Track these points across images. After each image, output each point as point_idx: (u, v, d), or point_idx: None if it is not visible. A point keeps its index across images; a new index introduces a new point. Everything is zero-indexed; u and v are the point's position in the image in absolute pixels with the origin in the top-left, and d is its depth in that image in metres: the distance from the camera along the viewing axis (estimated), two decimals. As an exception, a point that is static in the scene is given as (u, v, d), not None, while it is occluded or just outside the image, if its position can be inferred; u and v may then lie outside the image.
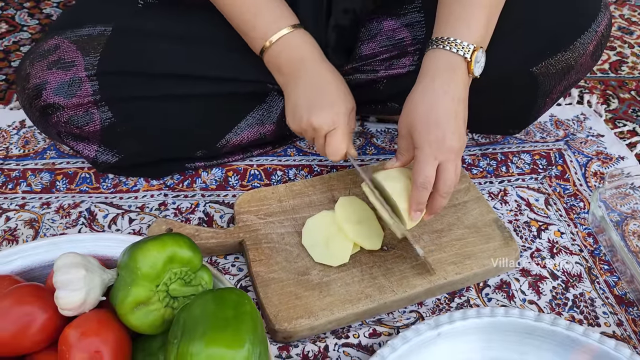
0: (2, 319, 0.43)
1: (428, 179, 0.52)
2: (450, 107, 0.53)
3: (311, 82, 0.62)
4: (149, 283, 0.44)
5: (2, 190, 0.69)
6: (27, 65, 0.62)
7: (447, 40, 0.55)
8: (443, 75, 0.54)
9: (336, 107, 0.60)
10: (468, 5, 0.55)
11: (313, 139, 0.63)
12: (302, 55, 0.62)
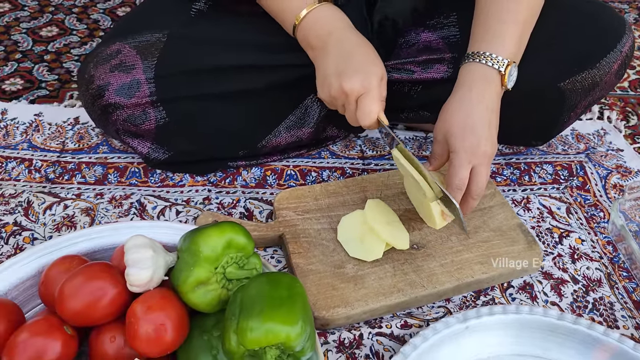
0: (76, 293, 0.48)
1: (463, 181, 0.57)
2: (485, 116, 0.57)
3: (340, 51, 0.62)
4: (209, 265, 0.49)
5: (59, 181, 0.74)
6: (91, 67, 0.68)
7: (483, 54, 0.59)
8: (479, 86, 0.58)
9: (366, 71, 0.60)
10: (503, 23, 0.60)
11: (343, 106, 0.63)
12: (330, 28, 0.63)
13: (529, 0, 0.61)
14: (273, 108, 0.75)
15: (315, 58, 0.65)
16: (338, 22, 0.63)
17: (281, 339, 0.43)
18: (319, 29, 0.63)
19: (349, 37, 0.63)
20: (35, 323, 0.47)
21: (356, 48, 0.62)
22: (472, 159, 0.57)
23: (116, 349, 0.48)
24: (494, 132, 0.59)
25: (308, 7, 0.63)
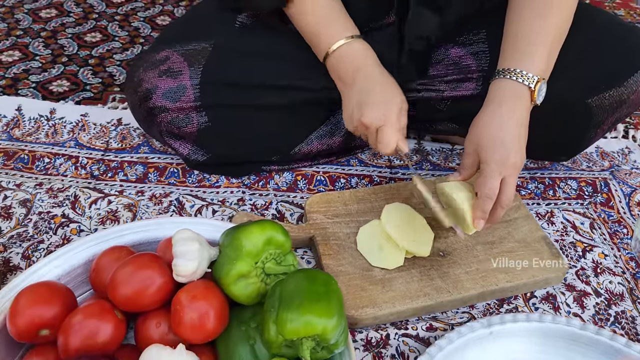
0: (127, 280, 0.51)
1: (493, 191, 0.59)
2: (515, 130, 0.60)
3: (363, 86, 0.67)
4: (250, 259, 0.52)
5: (103, 178, 0.79)
6: (140, 71, 0.72)
7: (513, 71, 0.62)
8: (509, 102, 0.61)
9: (384, 105, 0.64)
10: (533, 43, 0.63)
11: (367, 136, 0.68)
12: (358, 64, 0.67)
13: (557, 21, 0.64)
14: (306, 119, 0.78)
15: (342, 90, 0.70)
16: (367, 59, 0.68)
17: (318, 330, 0.46)
18: (348, 63, 0.68)
19: (374, 72, 0.67)
20: (88, 306, 0.51)
21: (378, 83, 0.67)
22: (502, 170, 0.59)
23: (161, 334, 0.52)
24: (523, 145, 0.61)
25: (341, 41, 0.67)
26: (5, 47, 1.08)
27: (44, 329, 0.51)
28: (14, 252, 0.68)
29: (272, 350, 0.49)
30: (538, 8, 0.65)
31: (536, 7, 0.65)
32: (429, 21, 0.71)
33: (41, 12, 1.20)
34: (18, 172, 0.78)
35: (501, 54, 0.67)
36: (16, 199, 0.74)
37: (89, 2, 1.25)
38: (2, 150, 0.81)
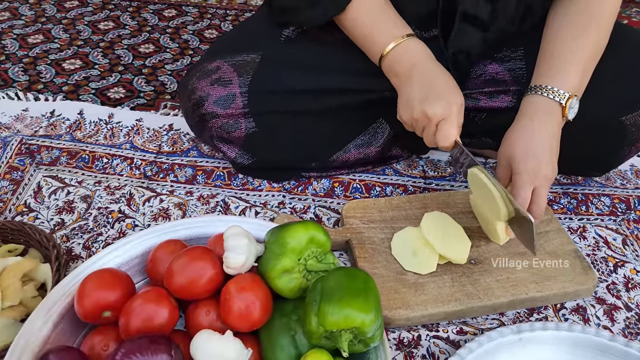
0: (182, 270, 0.56)
1: (525, 201, 0.62)
2: (546, 142, 0.63)
3: (423, 79, 0.67)
4: (294, 256, 0.56)
5: (155, 178, 0.85)
6: (193, 80, 0.78)
7: (545, 87, 0.65)
8: (541, 116, 0.64)
9: (447, 98, 0.65)
10: (567, 62, 0.65)
11: (423, 129, 0.68)
12: (414, 59, 0.69)
13: (593, 41, 0.66)
14: (345, 128, 0.82)
15: (399, 85, 0.71)
16: (422, 55, 0.69)
17: (357, 323, 0.50)
18: (405, 60, 0.69)
19: (432, 67, 0.68)
20: (147, 292, 0.56)
21: (438, 77, 0.67)
22: (534, 181, 0.62)
23: (210, 321, 0.56)
24: (554, 158, 0.64)
25: (396, 40, 0.69)
26: (68, 56, 1.17)
27: (107, 311, 0.56)
28: (76, 242, 0.74)
29: (313, 340, 0.52)
30: (576, 28, 0.67)
31: (574, 27, 0.68)
32: (471, 37, 0.74)
33: (100, 24, 1.30)
34: (80, 171, 0.86)
35: (535, 70, 0.70)
36: (78, 194, 0.81)
37: (143, 15, 1.34)
38: (66, 150, 0.89)
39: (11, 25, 1.27)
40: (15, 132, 0.92)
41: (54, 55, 1.17)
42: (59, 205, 0.79)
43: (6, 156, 0.87)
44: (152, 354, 0.49)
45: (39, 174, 0.84)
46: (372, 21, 0.71)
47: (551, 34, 0.70)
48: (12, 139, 0.91)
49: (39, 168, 0.85)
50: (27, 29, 1.26)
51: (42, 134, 0.92)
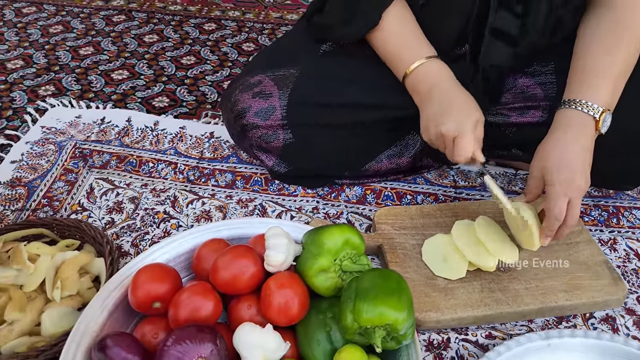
0: (226, 267, 0.61)
1: (562, 211, 0.63)
2: (580, 154, 0.64)
3: (441, 98, 0.72)
4: (330, 257, 0.60)
5: (197, 182, 0.90)
6: (236, 93, 0.83)
7: (579, 102, 0.67)
8: (574, 129, 0.66)
9: (461, 116, 0.69)
10: (600, 76, 0.67)
11: (443, 146, 0.72)
12: (435, 80, 0.73)
13: (624, 57, 0.68)
14: (378, 139, 0.86)
15: (420, 103, 0.75)
16: (442, 76, 0.73)
17: (390, 320, 0.53)
18: (426, 80, 0.73)
19: (450, 87, 0.73)
20: (194, 286, 0.61)
21: (456, 96, 0.71)
22: (568, 192, 0.63)
23: (251, 315, 0.60)
24: (588, 170, 0.65)
25: (419, 61, 0.73)
26: (116, 67, 1.25)
27: (157, 302, 0.61)
28: (125, 240, 0.80)
29: (347, 336, 0.56)
30: (606, 44, 0.69)
31: (605, 43, 0.69)
32: (501, 52, 0.76)
33: (145, 37, 1.37)
34: (128, 174, 0.92)
35: (568, 85, 0.72)
36: (126, 196, 0.87)
37: (185, 29, 1.41)
38: (115, 155, 0.95)
39: (64, 38, 1.36)
40: (70, 137, 0.99)
41: (103, 66, 1.25)
42: (109, 206, 0.85)
43: (62, 159, 0.94)
44: (199, 342, 0.53)
45: (91, 176, 0.91)
46: (399, 41, 0.75)
47: (583, 48, 0.72)
48: (67, 144, 0.98)
49: (91, 171, 0.92)
50: (79, 41, 1.35)
51: (94, 139, 0.99)
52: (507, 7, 0.71)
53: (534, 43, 0.76)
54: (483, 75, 0.77)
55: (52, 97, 1.13)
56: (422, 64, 0.74)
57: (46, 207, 0.85)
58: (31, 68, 1.24)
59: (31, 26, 1.41)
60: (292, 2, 1.56)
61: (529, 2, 0.71)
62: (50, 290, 0.66)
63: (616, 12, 0.70)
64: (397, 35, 0.76)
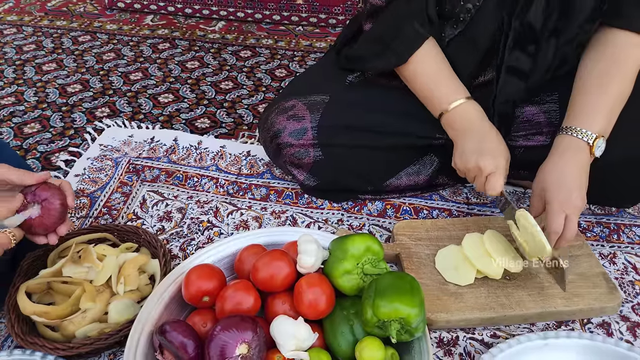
0: (264, 267, 0.71)
1: (560, 226, 0.72)
2: (575, 176, 0.73)
3: (477, 135, 0.80)
4: (353, 261, 0.69)
5: (236, 195, 1.02)
6: (273, 116, 0.95)
7: (574, 129, 0.75)
8: (570, 153, 0.74)
9: (498, 154, 0.78)
10: (595, 107, 0.75)
11: (474, 177, 0.81)
12: (472, 118, 0.82)
13: (617, 89, 0.76)
14: (398, 159, 0.96)
15: (456, 137, 0.84)
16: (478, 115, 0.82)
17: (403, 315, 0.62)
18: (464, 119, 0.82)
19: (485, 126, 0.82)
20: (237, 284, 0.71)
21: (491, 135, 0.80)
22: (565, 209, 0.72)
23: (284, 310, 0.70)
24: (583, 189, 0.73)
25: (458, 101, 0.82)
26: (162, 91, 1.39)
27: (206, 296, 0.72)
28: (174, 245, 0.91)
29: (367, 328, 0.65)
30: (602, 79, 0.77)
31: (601, 78, 0.77)
32: (515, 87, 0.85)
33: (187, 64, 1.52)
34: (175, 187, 1.04)
35: (567, 112, 0.80)
36: (174, 206, 0.99)
37: (223, 56, 1.55)
38: (164, 170, 1.08)
39: (116, 64, 1.52)
40: (124, 154, 1.13)
41: (151, 90, 1.39)
42: (160, 215, 0.97)
43: (118, 173, 1.07)
44: (242, 329, 0.64)
45: (143, 188, 1.04)
46: (431, 78, 0.84)
47: (582, 82, 0.80)
48: (122, 160, 1.11)
49: (143, 184, 1.05)
50: (129, 67, 1.51)
51: (145, 156, 1.12)
52: (521, 47, 0.80)
53: (542, 77, 0.85)
54: (499, 109, 0.86)
55: (108, 118, 1.28)
56: (460, 104, 0.82)
57: (106, 215, 0.98)
58: (88, 92, 1.39)
59: (87, 53, 1.58)
60: (321, 31, 1.69)
61: (539, 42, 0.80)
62: (115, 285, 0.78)
63: (612, 50, 0.79)
64: (428, 70, 0.84)
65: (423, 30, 0.83)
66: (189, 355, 0.64)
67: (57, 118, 1.28)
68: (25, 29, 1.72)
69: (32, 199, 0.71)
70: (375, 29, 0.87)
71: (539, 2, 0.76)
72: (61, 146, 1.18)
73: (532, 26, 0.78)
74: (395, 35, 0.84)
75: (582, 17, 0.78)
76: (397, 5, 0.83)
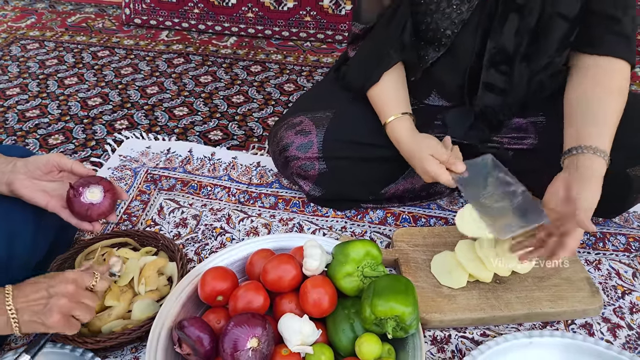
0: (273, 270, 0.78)
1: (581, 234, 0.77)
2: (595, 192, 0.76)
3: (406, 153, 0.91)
4: (354, 264, 0.76)
5: (247, 204, 1.09)
6: (282, 131, 1.02)
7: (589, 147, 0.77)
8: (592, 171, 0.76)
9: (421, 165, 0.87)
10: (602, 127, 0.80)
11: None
12: (397, 135, 0.91)
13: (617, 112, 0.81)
14: (396, 167, 1.03)
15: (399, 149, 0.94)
16: (403, 133, 0.91)
17: (398, 313, 0.69)
18: (396, 132, 0.92)
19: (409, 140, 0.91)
20: (248, 284, 0.79)
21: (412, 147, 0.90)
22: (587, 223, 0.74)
23: (291, 308, 0.77)
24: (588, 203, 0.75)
25: (393, 116, 0.92)
26: (177, 104, 1.47)
27: (220, 296, 0.79)
28: (189, 249, 0.99)
29: (366, 325, 0.72)
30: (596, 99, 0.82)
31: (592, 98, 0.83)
32: (492, 100, 0.92)
33: (201, 78, 1.60)
34: (190, 195, 1.12)
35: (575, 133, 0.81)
36: (190, 213, 1.07)
37: (235, 71, 1.64)
38: (180, 179, 1.16)
39: (134, 79, 1.61)
40: (142, 165, 1.21)
41: (166, 103, 1.48)
42: (176, 221, 1.05)
43: (137, 183, 1.15)
44: (253, 325, 0.71)
45: (160, 197, 1.11)
46: (385, 97, 0.94)
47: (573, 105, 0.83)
48: (141, 170, 1.19)
49: (160, 192, 1.13)
50: (146, 81, 1.59)
51: (162, 166, 1.20)
52: (496, 67, 0.88)
53: (521, 97, 0.92)
54: (480, 113, 0.94)
55: (126, 129, 1.36)
56: (392, 120, 0.92)
57: (126, 221, 1.06)
58: (108, 105, 1.48)
59: (106, 68, 1.67)
60: (328, 47, 1.77)
61: (512, 63, 0.87)
62: (137, 285, 0.86)
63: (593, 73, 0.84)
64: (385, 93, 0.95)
65: (395, 56, 0.92)
66: (204, 348, 0.71)
67: (79, 130, 1.37)
68: (47, 44, 1.82)
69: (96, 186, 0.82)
70: (356, 55, 0.98)
71: (509, 28, 0.84)
72: (84, 156, 1.27)
73: (505, 49, 0.86)
74: (370, 60, 0.94)
75: (551, 47, 0.84)
76: (375, 33, 0.93)
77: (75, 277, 0.70)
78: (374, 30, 0.94)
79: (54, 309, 0.66)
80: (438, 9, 0.87)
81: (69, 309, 0.67)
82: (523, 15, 0.83)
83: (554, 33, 0.83)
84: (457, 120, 0.99)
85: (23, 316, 0.65)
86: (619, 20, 0.82)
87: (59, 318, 0.66)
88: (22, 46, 1.80)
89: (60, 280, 0.68)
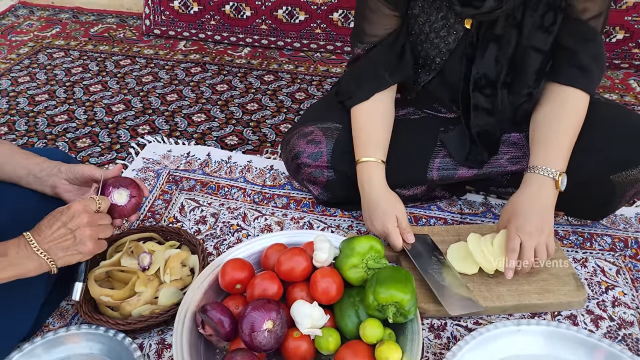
0: (286, 261, 0.87)
1: (513, 247, 0.86)
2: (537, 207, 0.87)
3: (368, 200, 0.99)
4: (359, 257, 0.85)
5: (261, 204, 1.18)
6: (294, 139, 1.10)
7: (540, 167, 0.89)
8: (537, 187, 0.88)
9: (383, 220, 0.96)
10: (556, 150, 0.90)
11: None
12: (368, 181, 0.99)
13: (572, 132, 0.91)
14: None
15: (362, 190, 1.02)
16: (381, 179, 1.00)
17: (398, 299, 0.77)
18: (372, 177, 1.00)
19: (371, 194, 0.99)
20: (264, 274, 0.87)
21: (377, 203, 0.97)
22: (520, 233, 0.86)
23: (302, 296, 0.86)
24: (541, 220, 0.87)
25: (374, 159, 1.00)
26: (195, 111, 1.57)
27: (238, 284, 0.88)
28: (209, 244, 1.08)
29: (369, 311, 0.80)
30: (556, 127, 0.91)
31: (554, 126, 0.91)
32: (483, 120, 1.00)
33: (217, 86, 1.70)
34: (209, 196, 1.21)
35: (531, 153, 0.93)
36: (208, 212, 1.16)
37: (249, 80, 1.74)
38: (199, 181, 1.25)
39: (154, 87, 1.71)
40: (164, 167, 1.31)
41: (185, 110, 1.58)
42: (196, 219, 1.14)
43: (159, 183, 1.25)
44: (268, 310, 0.79)
45: (181, 196, 1.21)
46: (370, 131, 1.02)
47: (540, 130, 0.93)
48: (163, 171, 1.29)
49: (181, 192, 1.22)
50: (165, 89, 1.70)
51: (182, 168, 1.30)
52: (480, 90, 0.97)
53: (510, 119, 1.00)
54: (477, 135, 1.01)
55: (148, 134, 1.46)
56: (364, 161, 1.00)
57: (150, 218, 1.15)
58: (131, 111, 1.58)
59: (128, 76, 1.78)
60: (337, 58, 1.87)
61: (495, 89, 0.96)
62: (163, 275, 0.95)
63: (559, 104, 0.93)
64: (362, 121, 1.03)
65: (390, 80, 1.01)
66: (225, 330, 0.80)
67: (105, 134, 1.47)
68: (72, 53, 1.93)
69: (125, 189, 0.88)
70: (355, 68, 1.06)
71: (489, 56, 0.93)
72: (110, 159, 1.37)
73: (487, 75, 0.94)
74: (367, 75, 1.03)
75: (530, 78, 0.93)
76: (375, 54, 1.02)
77: (83, 207, 0.78)
78: (374, 52, 1.02)
79: (85, 239, 0.77)
80: (427, 39, 0.97)
81: (95, 234, 0.79)
82: (501, 45, 0.92)
83: (530, 65, 0.92)
84: (456, 145, 1.05)
85: (57, 254, 0.75)
86: (575, 52, 0.90)
87: (92, 244, 0.79)
88: (48, 54, 1.92)
89: (72, 215, 0.77)
